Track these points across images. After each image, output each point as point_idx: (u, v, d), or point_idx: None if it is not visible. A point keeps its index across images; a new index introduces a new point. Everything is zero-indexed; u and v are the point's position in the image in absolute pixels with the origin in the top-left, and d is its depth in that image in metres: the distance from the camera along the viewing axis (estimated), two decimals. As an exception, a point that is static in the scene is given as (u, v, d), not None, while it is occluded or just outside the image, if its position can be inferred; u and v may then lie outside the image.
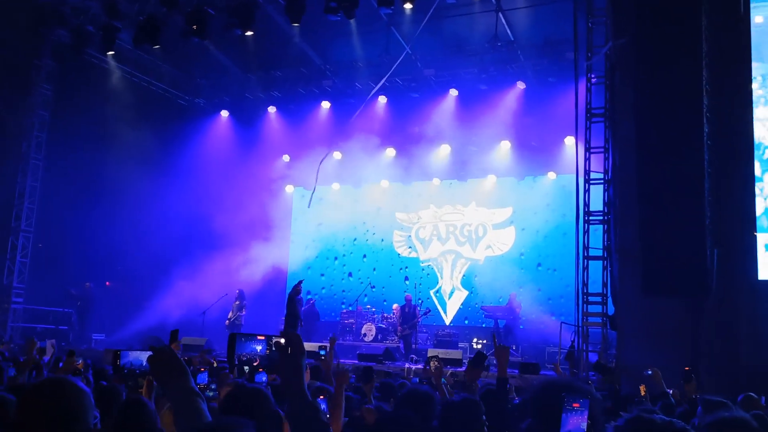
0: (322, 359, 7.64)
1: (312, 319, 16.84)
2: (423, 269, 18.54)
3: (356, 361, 13.18)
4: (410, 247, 18.84)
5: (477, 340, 16.48)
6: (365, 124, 17.02)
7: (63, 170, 15.82)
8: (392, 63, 14.57)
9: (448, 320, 17.84)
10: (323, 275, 19.52)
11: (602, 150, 11.80)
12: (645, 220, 10.64)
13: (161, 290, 16.90)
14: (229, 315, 16.33)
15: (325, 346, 11.84)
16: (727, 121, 10.86)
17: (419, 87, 17.40)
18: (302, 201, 19.45)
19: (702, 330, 10.52)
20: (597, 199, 11.95)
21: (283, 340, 2.03)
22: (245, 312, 16.38)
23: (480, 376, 3.97)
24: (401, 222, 19.08)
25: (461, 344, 15.84)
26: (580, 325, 11.50)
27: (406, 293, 16.14)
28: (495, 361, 3.77)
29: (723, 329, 10.43)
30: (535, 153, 16.71)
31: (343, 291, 19.08)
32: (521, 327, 15.70)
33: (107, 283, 18.01)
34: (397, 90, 17.42)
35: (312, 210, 19.75)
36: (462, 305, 17.91)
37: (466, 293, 17.91)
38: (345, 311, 17.92)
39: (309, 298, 17.88)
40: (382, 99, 17.57)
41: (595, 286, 11.70)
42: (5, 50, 14.77)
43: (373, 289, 18.39)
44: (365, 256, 19.22)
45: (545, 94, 15.54)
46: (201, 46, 16.27)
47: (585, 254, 11.75)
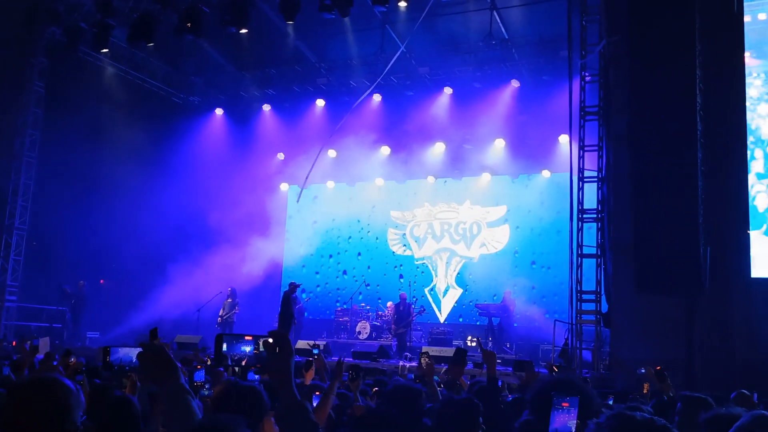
0: (315, 358, 7.65)
1: (298, 314, 16.68)
2: (417, 267, 18.53)
3: (351, 359, 13.20)
4: (405, 245, 18.84)
5: (471, 338, 16.48)
6: (360, 122, 17.03)
7: (57, 168, 15.77)
8: (387, 61, 14.59)
9: (443, 318, 17.84)
10: (318, 273, 19.51)
11: (596, 148, 11.81)
12: (638, 218, 10.67)
13: (156, 288, 16.88)
14: (221, 313, 16.30)
15: (318, 345, 11.82)
16: (721, 120, 10.90)
17: (414, 85, 17.40)
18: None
19: (696, 327, 10.57)
20: (591, 197, 11.98)
21: (272, 340, 2.02)
22: (238, 310, 16.34)
23: (462, 373, 3.98)
24: (396, 220, 19.07)
25: (455, 342, 15.82)
26: (574, 323, 11.53)
27: (401, 291, 16.14)
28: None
29: (716, 326, 10.48)
30: (530, 151, 16.71)
31: (338, 289, 19.07)
32: (515, 325, 15.72)
33: (101, 281, 17.99)
34: (392, 88, 17.42)
35: (307, 208, 19.81)
36: (456, 303, 17.92)
37: (461, 291, 17.91)
38: (339, 309, 17.91)
39: (305, 297, 17.89)
40: (377, 97, 17.55)
41: (589, 284, 11.72)
42: (-2, 47, 14.75)
43: (368, 287, 18.39)
44: (360, 254, 19.22)
45: (539, 93, 15.54)
46: (195, 44, 16.27)
47: (579, 252, 11.77)
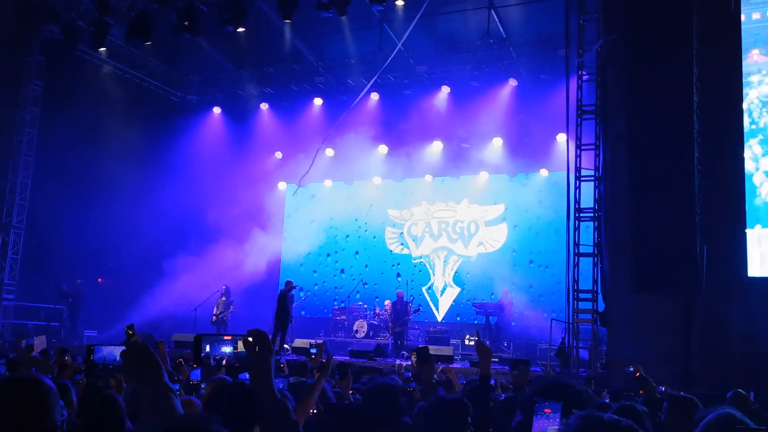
0: (313, 357, 7.63)
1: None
2: (415, 266, 18.53)
3: (348, 358, 13.20)
4: (402, 244, 18.84)
5: (470, 337, 16.48)
6: (358, 121, 17.02)
7: (54, 166, 15.74)
8: (385, 60, 14.56)
9: (440, 317, 17.84)
10: (316, 272, 19.51)
11: (593, 147, 11.81)
12: (635, 217, 10.68)
13: (153, 287, 16.85)
14: (215, 311, 16.28)
15: (317, 344, 11.80)
16: (718, 119, 10.90)
17: (412, 84, 17.39)
18: (295, 198, 19.46)
19: (692, 326, 10.57)
20: (588, 196, 11.97)
21: (251, 339, 2.01)
22: (234, 308, 16.31)
23: (433, 371, 3.97)
24: (393, 219, 19.07)
25: (453, 341, 15.85)
26: (571, 322, 11.53)
27: (398, 290, 16.13)
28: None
29: (713, 325, 10.48)
30: (528, 150, 16.71)
31: (336, 287, 19.07)
32: (513, 324, 15.72)
33: (99, 280, 17.97)
34: (390, 87, 17.41)
35: (305, 207, 19.82)
36: (454, 302, 17.91)
37: (458, 290, 17.91)
38: (337, 308, 17.91)
39: (303, 296, 17.90)
40: (375, 96, 17.53)
41: (586, 283, 11.72)
42: (-5, 46, 14.73)
43: (365, 286, 18.39)
44: (357, 253, 19.21)
45: (537, 91, 15.54)
46: (193, 43, 16.25)
47: (575, 251, 11.78)
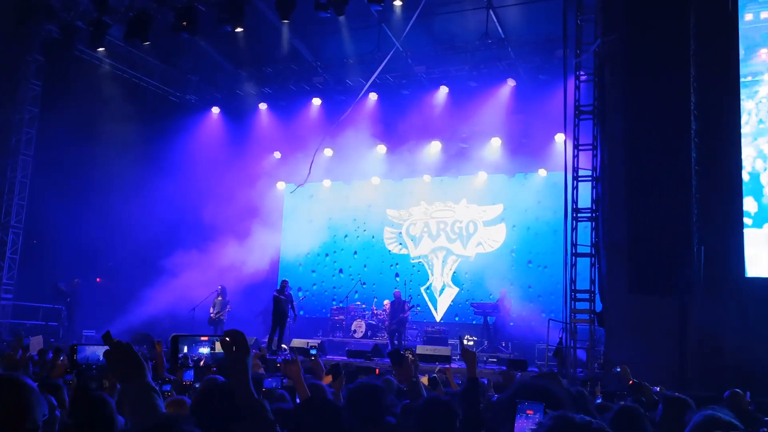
0: (312, 359, 7.63)
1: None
2: (413, 266, 18.54)
3: (345, 358, 13.20)
4: (401, 244, 18.84)
5: (468, 338, 16.47)
6: (356, 121, 17.02)
7: (52, 166, 15.74)
8: (383, 60, 14.56)
9: (439, 317, 17.85)
10: (314, 272, 19.52)
11: (591, 147, 11.81)
12: (633, 217, 10.69)
13: (151, 286, 16.85)
14: (211, 311, 16.28)
15: (315, 345, 11.84)
16: (716, 119, 10.90)
17: (410, 84, 17.39)
18: (294, 198, 19.46)
19: (689, 326, 10.57)
20: (585, 196, 11.96)
21: (228, 339, 2.01)
22: (231, 308, 16.32)
23: (410, 373, 3.98)
24: (392, 219, 19.08)
25: (451, 341, 15.81)
26: (568, 322, 11.53)
27: (395, 289, 16.11)
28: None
29: (710, 326, 10.47)
30: (526, 150, 16.73)
31: (334, 287, 19.08)
32: (511, 324, 15.71)
33: (98, 279, 17.97)
34: (388, 87, 17.41)
35: (303, 206, 19.83)
36: (452, 302, 17.92)
37: (457, 290, 17.92)
38: (335, 308, 17.93)
39: (301, 296, 17.90)
40: (373, 96, 17.53)
41: (584, 283, 11.71)
42: (-6, 45, 14.74)
43: (364, 286, 18.39)
44: (356, 253, 19.22)
45: (536, 92, 15.55)
46: (192, 42, 16.25)
47: (573, 251, 11.77)
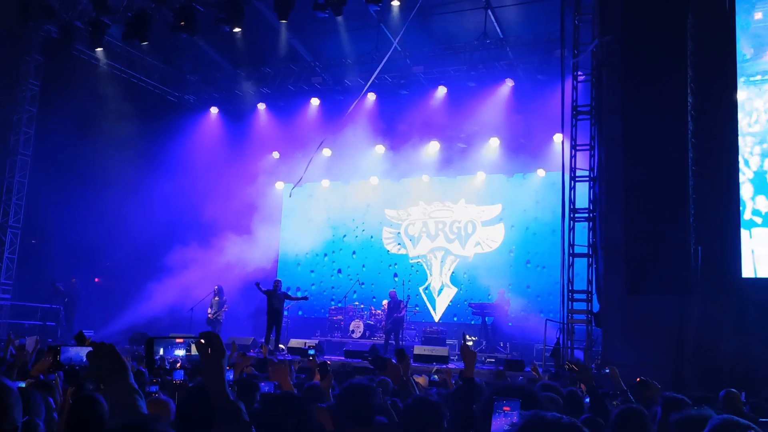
0: (310, 359, 7.62)
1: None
2: (412, 266, 18.53)
3: (343, 358, 13.20)
4: (399, 244, 18.84)
5: (468, 337, 16.41)
6: (355, 121, 17.01)
7: (51, 166, 15.74)
8: (381, 60, 14.56)
9: (437, 317, 17.84)
10: (313, 272, 19.52)
11: (588, 147, 11.79)
12: (630, 218, 10.69)
13: (150, 286, 16.86)
14: (209, 311, 16.28)
15: (313, 345, 11.81)
16: (713, 120, 10.89)
17: (408, 84, 17.35)
18: (292, 197, 19.44)
19: (686, 327, 10.55)
20: (583, 196, 11.96)
21: (203, 341, 2.02)
22: (228, 308, 16.32)
23: (398, 375, 3.98)
24: (391, 219, 19.07)
25: (449, 341, 15.82)
26: (566, 323, 11.52)
27: (391, 289, 16.06)
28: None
29: (707, 326, 10.46)
30: (525, 150, 16.72)
31: (332, 287, 19.07)
32: (510, 324, 15.69)
33: (96, 279, 17.98)
34: (387, 87, 17.40)
35: (302, 206, 19.82)
36: (451, 302, 17.91)
37: (455, 290, 17.91)
38: (334, 308, 17.92)
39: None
40: (372, 96, 17.52)
41: (581, 284, 11.71)
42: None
43: (362, 286, 18.38)
44: (354, 253, 19.21)
45: (534, 92, 15.54)
46: (191, 42, 16.25)
47: (570, 251, 11.76)
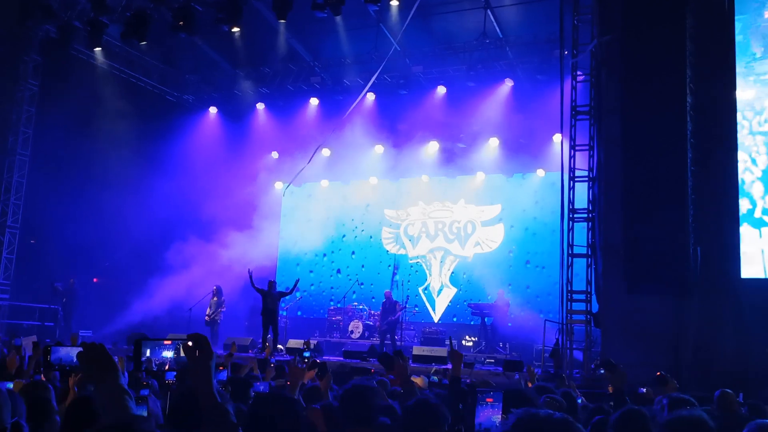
0: (305, 361, 7.63)
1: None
2: (412, 266, 18.51)
3: (341, 358, 13.18)
4: (399, 244, 18.82)
5: (468, 338, 16.47)
6: (354, 121, 17.01)
7: (50, 166, 15.74)
8: (381, 60, 14.56)
9: (437, 318, 17.82)
10: (312, 272, 19.50)
11: (587, 147, 11.77)
12: (629, 218, 10.67)
13: (148, 286, 16.84)
14: (207, 312, 16.28)
15: (308, 344, 11.79)
16: (712, 120, 10.89)
17: (408, 84, 17.31)
18: (291, 197, 19.48)
19: (685, 327, 10.55)
20: (582, 197, 11.94)
21: (191, 343, 2.01)
22: (224, 308, 16.31)
23: (405, 375, 3.98)
24: (390, 219, 19.05)
25: (447, 342, 15.77)
26: (565, 323, 11.51)
27: (386, 290, 16.02)
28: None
29: (706, 326, 10.47)
30: (524, 150, 16.69)
31: (332, 288, 19.05)
32: (509, 324, 15.66)
33: (95, 280, 17.97)
34: (386, 87, 17.35)
35: (301, 206, 19.82)
36: (450, 302, 17.89)
37: (455, 290, 17.88)
38: (333, 308, 17.91)
39: (298, 296, 17.88)
40: (371, 96, 17.49)
41: (580, 284, 11.69)
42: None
43: (361, 286, 18.36)
44: (354, 253, 19.20)
45: (533, 92, 15.50)
46: (189, 42, 16.24)
47: (569, 252, 11.74)
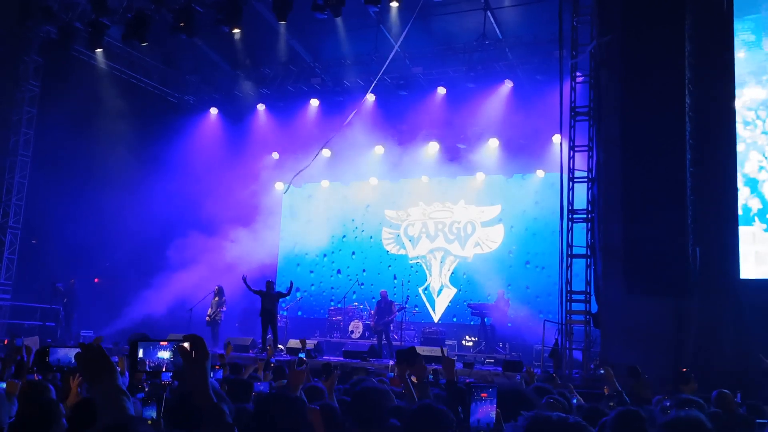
0: (304, 361, 7.66)
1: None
2: (412, 266, 18.54)
3: (341, 358, 13.21)
4: (399, 245, 18.85)
5: (468, 338, 16.49)
6: (354, 122, 17.00)
7: (51, 166, 15.75)
8: (381, 61, 14.58)
9: (437, 318, 17.85)
10: (312, 272, 19.53)
11: (586, 148, 11.79)
12: (628, 219, 10.70)
13: (149, 287, 16.85)
14: (209, 311, 16.30)
15: (303, 345, 11.80)
16: (710, 121, 10.91)
17: (408, 85, 17.31)
18: (292, 198, 19.50)
19: (684, 328, 10.57)
20: (581, 197, 11.96)
21: (187, 344, 2.02)
22: (225, 308, 16.34)
23: (423, 373, 4.00)
24: (390, 219, 19.08)
25: (449, 342, 15.84)
26: (564, 323, 11.53)
27: (382, 289, 16.04)
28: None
29: (705, 327, 10.49)
30: (524, 151, 16.70)
31: (332, 288, 19.08)
32: (509, 325, 15.69)
33: (96, 280, 17.99)
34: (386, 88, 17.34)
35: (301, 207, 19.85)
36: (450, 303, 17.91)
37: (455, 291, 17.91)
38: (333, 308, 17.94)
39: (298, 296, 17.93)
40: (371, 97, 17.47)
41: (580, 284, 11.71)
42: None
43: (361, 286, 18.38)
44: (354, 254, 19.22)
45: (533, 92, 15.50)
46: (190, 43, 16.25)
47: (569, 252, 11.76)
